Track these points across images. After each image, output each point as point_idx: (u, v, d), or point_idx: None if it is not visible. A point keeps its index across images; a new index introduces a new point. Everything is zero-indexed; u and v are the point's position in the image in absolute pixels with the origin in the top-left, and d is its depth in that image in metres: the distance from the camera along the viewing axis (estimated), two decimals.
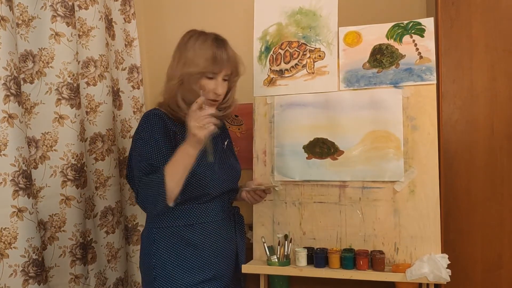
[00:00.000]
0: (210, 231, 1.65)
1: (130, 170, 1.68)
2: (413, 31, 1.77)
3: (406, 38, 1.78)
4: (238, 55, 1.68)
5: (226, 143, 1.81)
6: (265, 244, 1.79)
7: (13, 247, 1.67)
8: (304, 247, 1.79)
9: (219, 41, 1.63)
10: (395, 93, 1.77)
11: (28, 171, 1.75)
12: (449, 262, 1.63)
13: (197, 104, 1.50)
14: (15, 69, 1.72)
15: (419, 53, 1.75)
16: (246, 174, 1.95)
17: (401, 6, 2.22)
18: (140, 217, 2.42)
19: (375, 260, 1.68)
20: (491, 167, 1.79)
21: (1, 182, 1.65)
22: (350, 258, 1.70)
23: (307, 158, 1.85)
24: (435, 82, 1.73)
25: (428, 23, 1.76)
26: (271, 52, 1.94)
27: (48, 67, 1.96)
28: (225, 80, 1.64)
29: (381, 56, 1.79)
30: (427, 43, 1.75)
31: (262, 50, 1.96)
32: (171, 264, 1.59)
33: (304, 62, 1.89)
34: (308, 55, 1.89)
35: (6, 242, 1.66)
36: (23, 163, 1.71)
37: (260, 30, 1.97)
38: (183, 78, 1.60)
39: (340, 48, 1.85)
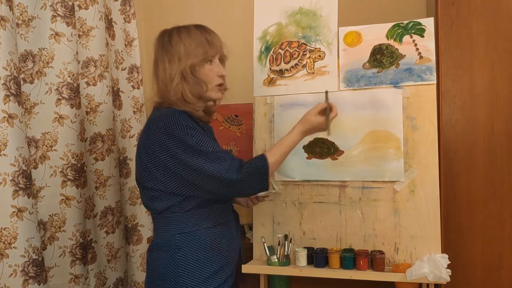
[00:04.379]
0: (225, 232, 1.62)
1: (144, 172, 1.59)
2: (413, 31, 1.77)
3: (406, 38, 1.78)
4: None
5: None
6: (265, 244, 1.79)
7: (13, 247, 1.67)
8: (304, 247, 1.79)
9: (202, 27, 1.61)
10: (395, 93, 1.77)
11: (28, 171, 1.75)
12: (449, 262, 1.63)
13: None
14: (15, 69, 1.72)
15: (419, 53, 1.75)
16: None
17: (401, 6, 2.22)
18: (140, 217, 2.42)
19: (375, 260, 1.68)
20: (491, 167, 1.79)
21: (1, 182, 1.65)
22: (350, 258, 1.70)
23: (307, 158, 1.85)
24: (435, 82, 1.73)
25: (428, 23, 1.76)
26: (271, 52, 1.94)
27: (48, 67, 1.96)
28: (220, 61, 1.62)
29: (381, 56, 1.79)
30: (427, 43, 1.75)
31: (262, 50, 1.96)
32: (198, 271, 1.54)
33: (304, 62, 1.89)
34: (308, 55, 1.89)
35: (6, 242, 1.66)
36: (23, 163, 1.71)
37: (260, 30, 1.97)
38: (185, 73, 1.55)
39: (340, 48, 1.85)
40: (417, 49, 1.76)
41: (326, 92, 1.64)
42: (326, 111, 1.59)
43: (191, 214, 1.55)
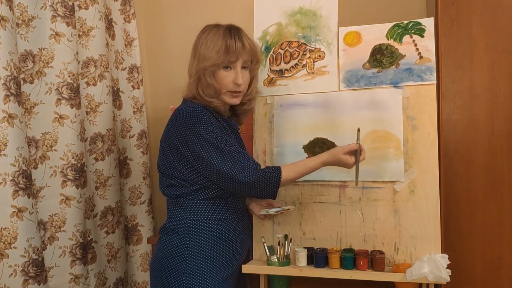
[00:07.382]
0: (236, 227, 1.66)
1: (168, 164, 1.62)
2: (413, 31, 1.77)
3: (406, 38, 1.78)
4: (255, 42, 1.66)
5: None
6: (265, 244, 1.79)
7: (13, 247, 1.67)
8: (304, 247, 1.79)
9: (232, 30, 1.60)
10: (395, 93, 1.77)
11: (28, 171, 1.75)
12: (449, 262, 1.63)
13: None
14: (15, 69, 1.72)
15: (419, 53, 1.75)
16: None
17: (401, 6, 2.22)
18: (140, 217, 2.43)
19: (375, 260, 1.68)
20: (491, 167, 1.79)
21: (1, 182, 1.65)
22: (350, 258, 1.70)
23: (307, 158, 1.85)
24: (435, 82, 1.73)
25: (428, 23, 1.76)
26: (271, 52, 1.94)
27: (48, 67, 1.97)
28: (244, 68, 1.62)
29: (381, 56, 1.79)
30: (427, 43, 1.75)
31: (262, 50, 1.96)
32: (204, 258, 1.58)
33: (304, 62, 1.89)
34: (308, 55, 1.89)
35: (6, 242, 1.66)
36: (23, 163, 1.71)
37: (260, 30, 1.97)
38: (199, 74, 1.59)
39: (340, 48, 1.85)
40: (417, 49, 1.76)
41: (358, 130, 1.64)
42: (356, 154, 1.60)
43: (205, 204, 1.60)
